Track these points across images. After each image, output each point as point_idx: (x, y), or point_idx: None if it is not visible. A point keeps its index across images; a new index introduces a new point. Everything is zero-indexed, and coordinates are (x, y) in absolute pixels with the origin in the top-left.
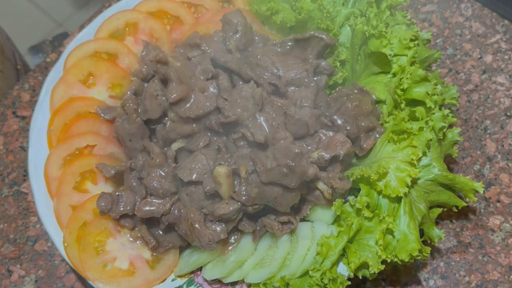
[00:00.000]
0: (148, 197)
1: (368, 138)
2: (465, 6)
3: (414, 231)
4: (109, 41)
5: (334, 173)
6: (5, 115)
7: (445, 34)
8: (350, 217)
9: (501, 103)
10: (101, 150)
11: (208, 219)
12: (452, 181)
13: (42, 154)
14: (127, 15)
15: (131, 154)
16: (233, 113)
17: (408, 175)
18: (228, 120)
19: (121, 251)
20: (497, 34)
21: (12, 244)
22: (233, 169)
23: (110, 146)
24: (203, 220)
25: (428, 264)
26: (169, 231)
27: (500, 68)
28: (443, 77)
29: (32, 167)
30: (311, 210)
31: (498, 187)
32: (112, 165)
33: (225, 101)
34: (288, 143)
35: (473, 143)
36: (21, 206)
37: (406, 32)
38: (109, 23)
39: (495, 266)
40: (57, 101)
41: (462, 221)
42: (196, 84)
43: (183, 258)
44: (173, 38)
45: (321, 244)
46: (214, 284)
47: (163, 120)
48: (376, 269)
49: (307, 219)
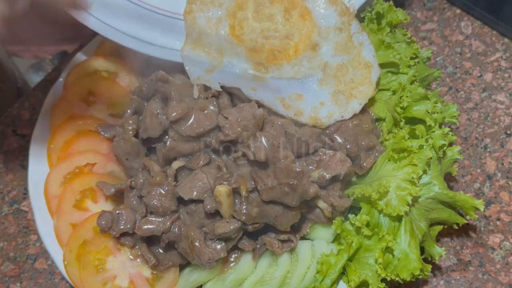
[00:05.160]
0: (148, 216)
1: (368, 156)
2: (465, 24)
3: (415, 250)
4: (110, 59)
5: (334, 191)
6: (5, 133)
7: (445, 52)
8: (350, 235)
9: (501, 121)
10: (101, 168)
11: (208, 237)
12: (453, 199)
13: (42, 172)
14: None
15: (129, 172)
16: (233, 131)
17: (409, 193)
18: (228, 138)
19: (121, 269)
20: (497, 52)
21: (12, 262)
22: (233, 188)
23: (110, 164)
24: (203, 239)
25: (429, 282)
26: (169, 249)
27: (500, 86)
28: (443, 95)
29: (32, 185)
30: (311, 228)
31: (498, 205)
32: (112, 183)
33: (226, 120)
34: (289, 162)
35: (473, 161)
36: (21, 224)
37: (406, 50)
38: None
39: (495, 284)
40: (57, 119)
41: (462, 239)
42: (196, 102)
43: (183, 277)
44: None
45: (321, 262)
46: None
47: (164, 139)
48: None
49: (307, 237)
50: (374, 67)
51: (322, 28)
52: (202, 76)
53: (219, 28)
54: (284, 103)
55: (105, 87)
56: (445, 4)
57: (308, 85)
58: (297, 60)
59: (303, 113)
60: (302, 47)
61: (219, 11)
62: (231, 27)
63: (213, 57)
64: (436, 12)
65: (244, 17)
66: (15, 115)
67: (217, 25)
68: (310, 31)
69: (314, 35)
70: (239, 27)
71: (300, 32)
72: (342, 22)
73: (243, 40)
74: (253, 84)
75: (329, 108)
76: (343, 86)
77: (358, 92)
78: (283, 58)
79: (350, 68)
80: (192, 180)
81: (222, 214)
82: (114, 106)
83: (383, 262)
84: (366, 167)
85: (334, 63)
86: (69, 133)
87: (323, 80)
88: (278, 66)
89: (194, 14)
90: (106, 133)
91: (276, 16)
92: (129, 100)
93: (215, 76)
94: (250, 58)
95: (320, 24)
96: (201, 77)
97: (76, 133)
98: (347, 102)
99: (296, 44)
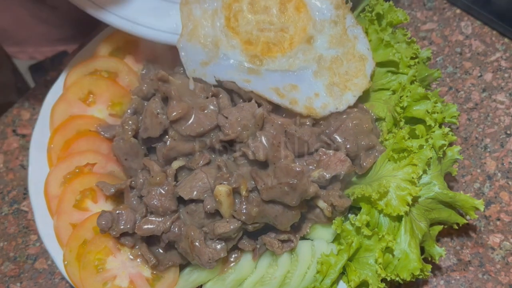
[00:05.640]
0: (148, 215)
1: (368, 156)
2: (465, 24)
3: (415, 250)
4: (109, 59)
5: (334, 191)
6: (5, 133)
7: (445, 52)
8: (350, 235)
9: (501, 121)
10: (101, 168)
11: (208, 237)
12: (453, 199)
13: (42, 172)
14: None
15: (128, 172)
16: (233, 131)
17: (409, 193)
18: (228, 138)
19: (121, 269)
20: (497, 52)
21: (12, 262)
22: (233, 188)
23: (110, 164)
24: (203, 238)
25: (429, 282)
26: (169, 249)
27: (500, 86)
28: (443, 95)
29: (32, 185)
30: (311, 228)
31: (498, 205)
32: (112, 183)
33: (226, 119)
34: (289, 161)
35: (473, 161)
36: (21, 224)
37: (407, 50)
38: (110, 41)
39: (495, 284)
40: (57, 119)
41: (462, 239)
42: (197, 102)
43: (183, 277)
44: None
45: (321, 262)
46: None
47: (164, 139)
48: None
49: (307, 237)
50: (369, 60)
51: (317, 21)
52: (197, 69)
53: (215, 19)
54: (278, 93)
55: (105, 87)
56: (445, 4)
57: (303, 77)
58: (292, 53)
59: (297, 102)
60: (297, 40)
61: (215, 2)
62: (227, 18)
63: (209, 49)
64: (436, 12)
65: (239, 9)
66: (15, 115)
67: (213, 16)
68: (305, 24)
69: (309, 28)
70: (234, 19)
71: (296, 25)
72: (337, 15)
73: (238, 32)
74: (248, 76)
75: (323, 100)
76: (338, 78)
77: (352, 84)
78: (278, 50)
79: (344, 61)
80: (192, 180)
81: (222, 214)
82: (114, 106)
83: (383, 262)
84: (366, 167)
85: (328, 56)
86: (69, 133)
87: (318, 72)
88: (273, 58)
89: (191, 6)
90: (106, 133)
91: (272, 8)
92: (129, 100)
93: (210, 69)
94: (245, 50)
95: (315, 16)
96: (196, 70)
97: (76, 133)
98: (342, 94)
99: (291, 37)
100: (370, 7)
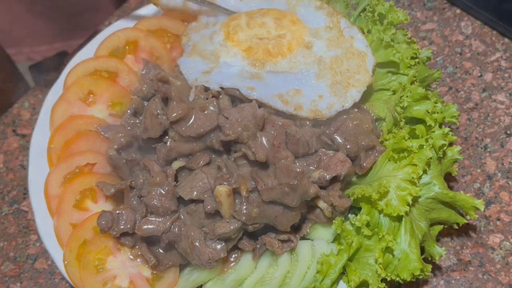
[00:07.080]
0: (149, 216)
1: (368, 156)
2: (465, 24)
3: (415, 250)
4: (109, 59)
5: (334, 191)
6: (5, 133)
7: (445, 52)
8: (350, 235)
9: (501, 121)
10: (101, 168)
11: (208, 237)
12: (453, 199)
13: (42, 172)
14: (127, 33)
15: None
16: (234, 131)
17: (409, 193)
18: (228, 138)
19: (121, 269)
20: (497, 52)
21: (12, 262)
22: (233, 188)
23: None
24: (203, 239)
25: (429, 282)
26: (169, 249)
27: (500, 86)
28: (443, 95)
29: (32, 185)
30: (311, 228)
31: (498, 205)
32: (112, 184)
33: (226, 120)
34: (289, 162)
35: (473, 161)
36: (21, 224)
37: (407, 50)
38: (109, 41)
39: (495, 284)
40: (57, 119)
41: (462, 239)
42: (197, 103)
43: (183, 277)
44: (173, 57)
45: (321, 262)
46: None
47: (164, 139)
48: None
49: (307, 237)
50: (368, 55)
51: (312, 29)
52: (200, 78)
53: (214, 37)
54: (282, 99)
55: (105, 87)
56: (445, 4)
57: (305, 80)
58: (292, 55)
59: (302, 107)
60: (295, 44)
61: (214, 27)
62: (226, 33)
63: (209, 60)
64: (436, 12)
65: (237, 25)
66: (15, 115)
67: (211, 36)
68: (301, 33)
69: (305, 36)
70: (233, 32)
71: (292, 34)
72: (331, 21)
73: (238, 42)
74: (251, 83)
75: (328, 100)
76: (340, 76)
77: (355, 80)
78: (278, 54)
79: (344, 60)
80: (192, 180)
81: (222, 214)
82: (114, 106)
83: (383, 262)
84: (366, 167)
85: (328, 57)
86: (69, 133)
87: (319, 74)
88: (274, 61)
89: (190, 35)
90: (106, 133)
91: (268, 23)
92: (129, 100)
93: (212, 77)
94: (246, 56)
95: (310, 26)
96: (199, 79)
97: (76, 133)
98: (346, 92)
99: (289, 42)
100: (371, 7)
